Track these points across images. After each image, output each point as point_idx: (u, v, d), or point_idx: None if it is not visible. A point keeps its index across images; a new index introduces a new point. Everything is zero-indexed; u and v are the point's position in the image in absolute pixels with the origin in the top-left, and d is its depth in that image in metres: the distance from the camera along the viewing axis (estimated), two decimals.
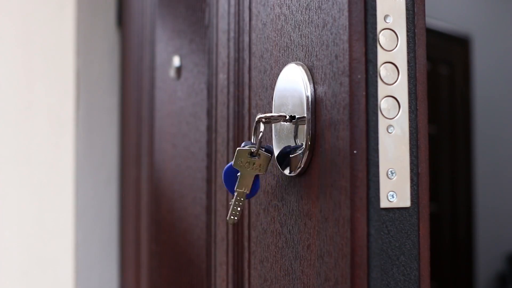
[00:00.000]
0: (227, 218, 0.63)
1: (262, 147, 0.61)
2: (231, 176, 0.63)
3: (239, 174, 0.61)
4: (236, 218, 0.63)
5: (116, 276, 1.61)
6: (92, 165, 1.57)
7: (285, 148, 0.61)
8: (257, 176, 0.62)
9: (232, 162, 0.61)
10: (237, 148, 0.61)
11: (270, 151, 0.62)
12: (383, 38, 0.52)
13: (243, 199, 0.62)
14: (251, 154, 0.60)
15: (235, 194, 0.62)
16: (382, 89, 0.51)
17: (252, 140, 0.61)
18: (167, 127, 1.12)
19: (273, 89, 0.64)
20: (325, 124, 0.54)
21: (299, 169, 0.58)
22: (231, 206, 0.62)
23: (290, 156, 0.59)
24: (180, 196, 1.04)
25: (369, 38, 0.51)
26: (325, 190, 0.54)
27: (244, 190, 0.62)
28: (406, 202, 0.52)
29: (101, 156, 1.59)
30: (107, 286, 1.59)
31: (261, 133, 0.59)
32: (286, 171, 0.60)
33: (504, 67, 3.40)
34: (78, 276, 1.51)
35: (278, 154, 0.62)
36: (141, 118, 1.34)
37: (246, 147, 0.61)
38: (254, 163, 0.61)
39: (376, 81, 0.51)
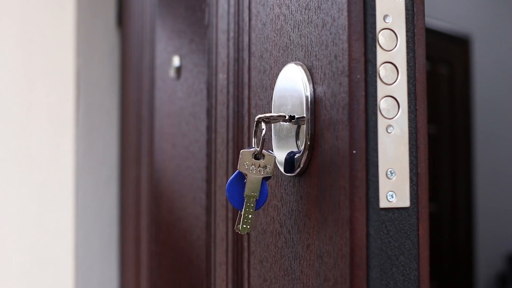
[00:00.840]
0: (239, 227, 0.58)
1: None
2: (236, 189, 0.59)
3: (245, 180, 0.58)
4: (248, 226, 0.58)
5: (116, 276, 1.61)
6: (92, 165, 1.57)
7: (284, 148, 0.61)
8: (264, 181, 0.58)
9: (237, 168, 0.58)
10: (241, 150, 0.59)
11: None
12: (383, 38, 0.52)
13: (253, 205, 0.58)
14: (255, 156, 0.58)
15: (245, 200, 0.58)
16: (381, 89, 0.51)
17: (253, 143, 0.60)
18: (167, 127, 1.12)
19: (273, 89, 0.64)
20: (325, 124, 0.54)
21: (299, 169, 0.58)
22: (242, 214, 0.58)
23: (290, 156, 0.59)
24: (180, 196, 1.04)
25: (369, 38, 0.51)
26: (324, 190, 0.54)
27: (254, 193, 0.58)
28: (405, 202, 0.52)
29: (101, 156, 1.59)
30: (107, 286, 1.59)
31: (263, 131, 0.57)
32: (286, 171, 0.60)
33: (504, 67, 3.40)
34: (78, 276, 1.51)
35: (277, 154, 0.62)
36: (141, 118, 1.34)
37: (250, 149, 0.59)
38: (259, 166, 0.58)
39: (376, 81, 0.51)
